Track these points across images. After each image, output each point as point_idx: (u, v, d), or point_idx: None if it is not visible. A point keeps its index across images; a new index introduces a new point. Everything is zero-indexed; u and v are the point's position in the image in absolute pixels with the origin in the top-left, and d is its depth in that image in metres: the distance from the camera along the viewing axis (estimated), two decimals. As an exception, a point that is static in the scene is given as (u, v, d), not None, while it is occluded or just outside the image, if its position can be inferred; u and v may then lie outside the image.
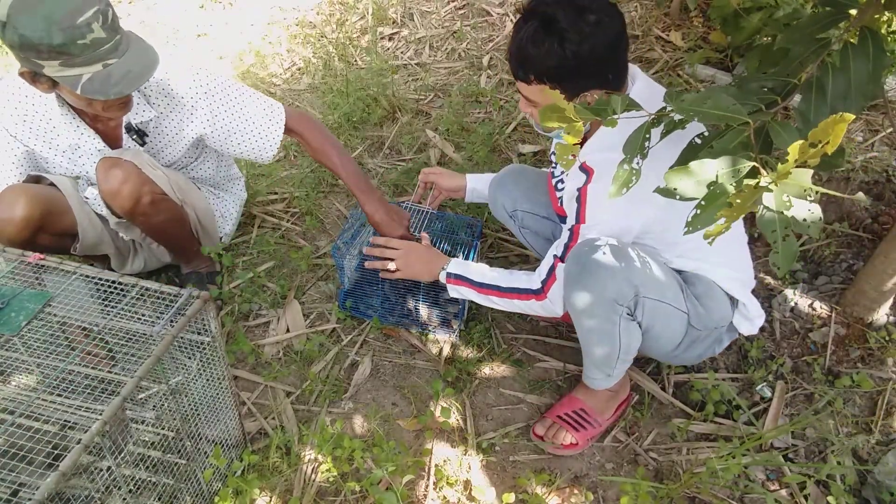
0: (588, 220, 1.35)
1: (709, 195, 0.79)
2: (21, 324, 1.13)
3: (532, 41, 1.25)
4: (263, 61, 3.09)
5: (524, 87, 1.34)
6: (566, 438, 1.59)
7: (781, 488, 1.54)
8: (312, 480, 1.55)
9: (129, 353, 1.22)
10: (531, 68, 1.29)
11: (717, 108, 0.86)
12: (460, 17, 3.27)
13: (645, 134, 0.93)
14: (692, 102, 0.88)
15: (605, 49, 1.25)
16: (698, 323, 1.43)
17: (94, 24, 1.32)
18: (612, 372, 1.49)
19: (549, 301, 1.48)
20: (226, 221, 2.03)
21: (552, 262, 1.45)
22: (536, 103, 1.36)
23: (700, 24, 2.98)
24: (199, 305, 1.18)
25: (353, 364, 1.83)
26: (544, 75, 1.28)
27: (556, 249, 1.45)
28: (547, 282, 1.47)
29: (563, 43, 1.22)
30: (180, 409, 1.26)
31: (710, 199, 0.79)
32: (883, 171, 2.25)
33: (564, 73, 1.26)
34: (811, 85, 1.02)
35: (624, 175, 0.93)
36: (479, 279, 1.57)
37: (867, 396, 1.70)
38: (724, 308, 1.46)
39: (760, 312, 1.53)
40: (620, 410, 1.66)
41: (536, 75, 1.29)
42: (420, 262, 1.66)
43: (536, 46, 1.25)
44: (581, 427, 1.60)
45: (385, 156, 2.54)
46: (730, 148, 0.85)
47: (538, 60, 1.26)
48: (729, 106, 0.86)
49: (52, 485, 0.93)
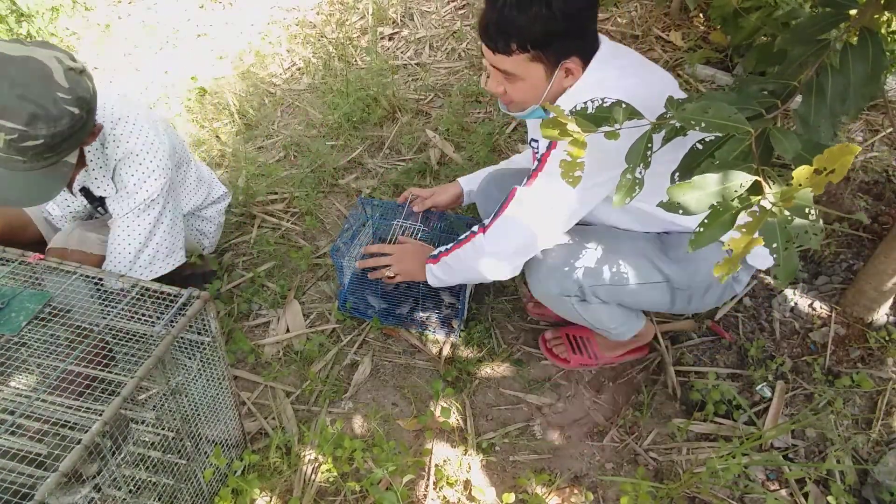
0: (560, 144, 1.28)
1: (712, 213, 0.79)
2: (21, 324, 1.13)
3: (518, 7, 1.22)
4: (263, 61, 3.09)
5: (503, 59, 1.29)
6: (563, 353, 1.79)
7: (781, 488, 1.54)
8: (312, 480, 1.55)
9: (129, 353, 1.22)
10: (514, 36, 1.25)
11: (719, 118, 0.86)
12: (460, 17, 3.27)
13: (647, 143, 0.92)
14: (693, 111, 0.87)
15: (588, 6, 1.26)
16: (684, 284, 1.43)
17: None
18: (609, 334, 1.60)
19: (488, 237, 1.41)
20: (204, 237, 1.99)
21: (505, 198, 1.40)
22: (515, 76, 1.31)
23: (700, 23, 2.98)
24: (199, 305, 1.18)
25: (353, 364, 1.83)
26: (528, 42, 1.25)
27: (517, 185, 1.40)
28: (499, 211, 1.40)
29: (550, 4, 1.20)
30: (180, 409, 1.26)
31: (714, 217, 0.79)
32: (883, 171, 2.25)
33: (551, 35, 1.24)
34: (811, 87, 1.02)
35: (627, 184, 0.93)
36: (437, 252, 1.55)
37: (867, 396, 1.70)
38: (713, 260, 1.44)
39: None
40: (630, 356, 1.80)
41: (520, 44, 1.25)
42: (413, 261, 1.66)
43: (523, 11, 1.21)
44: (578, 351, 1.77)
45: (385, 156, 2.54)
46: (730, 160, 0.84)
47: (524, 27, 1.23)
48: (731, 115, 0.85)
49: (52, 484, 0.93)
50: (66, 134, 1.29)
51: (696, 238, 0.81)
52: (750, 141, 0.85)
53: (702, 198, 0.80)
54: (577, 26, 1.25)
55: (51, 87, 1.25)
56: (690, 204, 0.81)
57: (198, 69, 3.03)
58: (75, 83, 1.29)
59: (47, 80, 1.25)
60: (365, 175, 2.45)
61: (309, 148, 2.54)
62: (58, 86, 1.26)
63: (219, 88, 2.89)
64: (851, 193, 2.18)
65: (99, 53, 3.19)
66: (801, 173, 0.71)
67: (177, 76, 3.00)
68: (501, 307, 1.96)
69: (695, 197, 0.81)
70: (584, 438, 1.67)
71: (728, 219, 0.79)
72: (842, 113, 1.01)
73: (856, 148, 0.68)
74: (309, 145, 2.56)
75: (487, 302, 1.96)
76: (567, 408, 1.73)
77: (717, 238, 0.80)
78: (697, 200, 0.81)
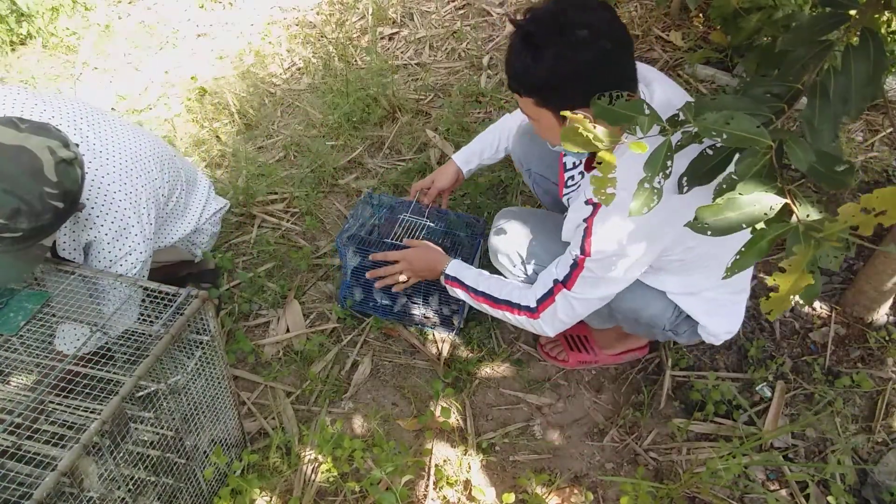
0: (594, 255, 1.29)
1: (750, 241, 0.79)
2: (20, 324, 1.13)
3: (515, 53, 1.22)
4: (263, 61, 3.09)
5: (518, 98, 1.30)
6: (560, 354, 1.80)
7: (781, 488, 1.54)
8: (312, 480, 1.55)
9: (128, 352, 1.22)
10: (518, 82, 1.26)
11: (741, 130, 0.84)
12: (460, 17, 3.27)
13: (666, 152, 0.88)
14: (716, 122, 0.85)
15: (588, 68, 1.16)
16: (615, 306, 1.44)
17: None
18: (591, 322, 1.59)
19: (541, 321, 1.45)
20: (196, 247, 1.93)
21: (552, 287, 1.40)
22: (531, 117, 1.32)
23: (700, 24, 2.98)
24: (197, 304, 1.18)
25: (353, 364, 1.83)
26: (523, 89, 1.25)
27: (556, 272, 1.39)
28: (543, 303, 1.43)
29: (538, 61, 1.18)
30: (180, 408, 1.26)
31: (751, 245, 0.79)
32: (883, 171, 2.25)
33: (543, 90, 1.22)
34: (815, 90, 1.01)
35: (644, 194, 0.88)
36: (474, 285, 1.55)
37: (867, 396, 1.70)
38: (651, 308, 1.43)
39: (728, 329, 1.50)
40: (629, 356, 1.79)
41: (525, 89, 1.26)
42: (423, 263, 1.66)
43: (518, 59, 1.21)
44: (577, 349, 1.79)
45: (385, 156, 2.54)
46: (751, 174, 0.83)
47: (520, 74, 1.23)
48: (752, 129, 0.84)
49: (51, 484, 0.93)
50: (47, 226, 1.24)
51: (733, 265, 0.81)
52: (770, 155, 0.84)
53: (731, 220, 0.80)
54: (577, 82, 1.18)
55: (39, 182, 1.21)
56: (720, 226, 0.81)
57: (198, 69, 3.03)
58: (64, 176, 1.25)
59: (37, 174, 1.21)
60: (365, 175, 2.45)
61: (309, 148, 2.54)
62: (46, 180, 1.22)
63: (219, 88, 2.89)
64: (851, 193, 2.18)
65: (99, 53, 3.19)
66: (847, 211, 0.71)
67: (177, 76, 3.00)
68: (501, 307, 1.96)
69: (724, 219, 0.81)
70: (584, 438, 1.66)
71: (764, 246, 0.79)
72: (843, 114, 1.00)
73: None
74: (309, 145, 2.56)
75: (487, 302, 1.96)
76: (567, 408, 1.73)
77: (749, 265, 0.81)
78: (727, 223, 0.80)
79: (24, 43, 3.24)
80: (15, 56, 3.16)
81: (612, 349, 1.77)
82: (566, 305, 1.38)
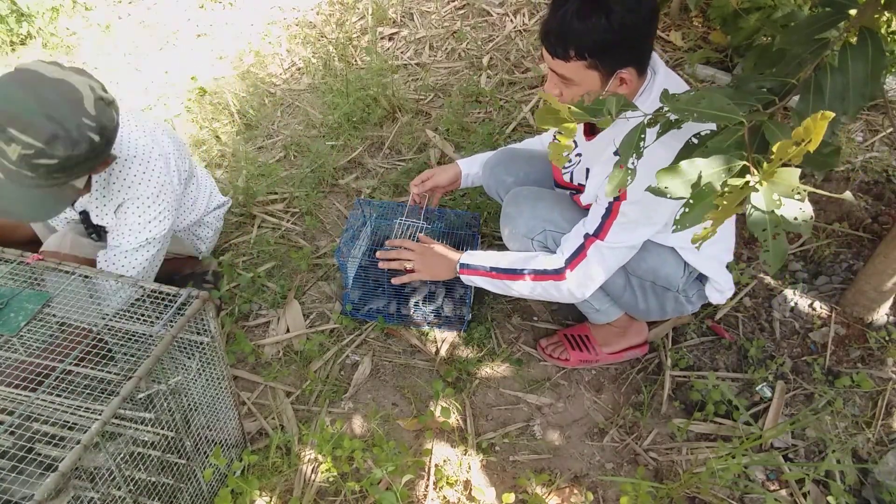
0: (630, 197, 1.35)
1: (696, 194, 0.80)
2: (20, 324, 1.13)
3: (578, 15, 1.25)
4: (263, 61, 3.09)
5: (561, 64, 1.33)
6: (562, 354, 1.80)
7: (781, 488, 1.54)
8: (312, 480, 1.55)
9: (129, 353, 1.22)
10: (573, 43, 1.28)
11: (712, 108, 0.87)
12: (460, 17, 3.27)
13: (640, 134, 0.93)
14: (687, 102, 0.88)
15: (646, 22, 1.28)
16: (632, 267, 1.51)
17: None
18: (599, 307, 1.66)
19: (567, 283, 1.47)
20: (201, 242, 1.99)
21: (582, 242, 1.44)
22: (571, 81, 1.35)
23: (700, 24, 2.98)
24: (198, 305, 1.18)
25: (353, 364, 1.83)
26: (586, 50, 1.28)
27: (586, 228, 1.44)
28: (574, 259, 1.46)
29: (611, 15, 1.23)
30: (180, 408, 1.26)
31: (698, 199, 0.80)
32: (883, 171, 2.25)
33: (608, 46, 1.27)
34: (809, 85, 1.02)
35: (619, 176, 0.94)
36: (494, 264, 1.58)
37: (867, 396, 1.70)
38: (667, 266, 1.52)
39: (731, 286, 1.60)
40: (630, 353, 1.81)
41: (577, 51, 1.29)
42: (436, 259, 1.66)
43: (583, 20, 1.25)
44: (578, 348, 1.79)
45: (385, 156, 2.54)
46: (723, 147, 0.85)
47: (584, 34, 1.26)
48: (724, 105, 0.86)
49: (52, 485, 0.93)
50: (81, 159, 1.30)
51: (681, 219, 0.82)
52: (743, 132, 0.85)
53: (687, 182, 0.81)
54: (635, 38, 1.29)
55: (78, 111, 1.27)
56: (677, 188, 0.82)
57: (198, 69, 3.03)
58: (102, 112, 1.31)
59: (76, 104, 1.27)
60: (365, 175, 2.45)
61: (309, 148, 2.54)
62: (85, 111, 1.28)
63: (219, 88, 2.89)
64: (851, 193, 2.18)
65: (99, 53, 3.19)
66: (780, 147, 0.72)
67: (177, 76, 3.00)
68: (501, 307, 1.96)
69: (681, 181, 0.82)
70: (583, 438, 1.67)
71: (712, 199, 0.80)
72: (841, 112, 1.01)
73: (829, 114, 0.69)
74: (309, 145, 2.56)
75: (487, 302, 1.96)
76: (567, 408, 1.73)
77: (700, 220, 0.81)
78: (683, 184, 0.81)
79: (24, 43, 3.24)
80: (15, 56, 3.16)
81: (612, 347, 1.78)
82: (599, 257, 1.43)
